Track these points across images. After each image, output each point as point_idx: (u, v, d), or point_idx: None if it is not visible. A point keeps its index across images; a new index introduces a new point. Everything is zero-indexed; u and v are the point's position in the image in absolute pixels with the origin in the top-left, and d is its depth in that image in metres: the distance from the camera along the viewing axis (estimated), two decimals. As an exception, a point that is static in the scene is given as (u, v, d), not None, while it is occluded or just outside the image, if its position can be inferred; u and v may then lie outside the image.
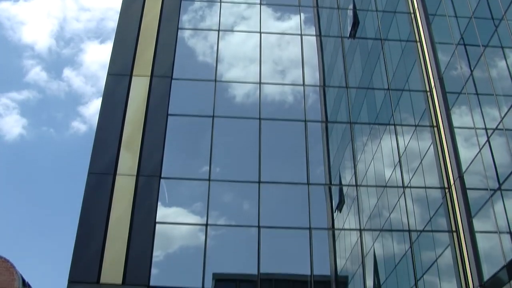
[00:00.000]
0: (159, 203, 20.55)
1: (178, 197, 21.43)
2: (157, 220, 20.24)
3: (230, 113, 22.97)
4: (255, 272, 19.65)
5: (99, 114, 22.03)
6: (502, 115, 18.16)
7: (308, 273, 19.89)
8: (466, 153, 20.61)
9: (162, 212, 20.53)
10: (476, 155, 19.70)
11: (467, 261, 19.53)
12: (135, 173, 20.96)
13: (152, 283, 19.09)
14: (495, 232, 18.43)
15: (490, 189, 18.74)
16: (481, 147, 19.44)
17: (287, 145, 22.74)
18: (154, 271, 19.42)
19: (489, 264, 18.73)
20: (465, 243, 19.74)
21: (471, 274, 19.25)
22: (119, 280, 19.08)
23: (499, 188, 18.20)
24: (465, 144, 20.93)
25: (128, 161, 21.22)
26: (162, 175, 21.09)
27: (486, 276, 18.66)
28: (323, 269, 20.64)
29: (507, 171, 17.79)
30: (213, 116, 22.66)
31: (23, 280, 68.40)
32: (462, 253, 19.82)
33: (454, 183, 20.85)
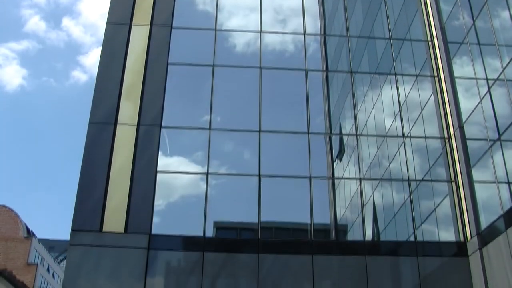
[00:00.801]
0: (160, 153, 20.63)
1: (179, 146, 21.51)
2: (158, 169, 20.35)
3: (230, 62, 22.82)
4: (255, 220, 19.91)
5: (99, 64, 21.86)
6: (504, 66, 18.11)
7: (308, 221, 20.15)
8: (466, 104, 20.64)
9: (163, 162, 20.64)
10: (477, 105, 19.74)
11: (465, 210, 19.82)
12: (136, 123, 20.96)
13: (153, 232, 19.34)
14: (494, 182, 18.65)
15: (490, 140, 18.86)
16: (481, 97, 19.46)
17: (288, 94, 22.70)
18: (155, 219, 19.65)
19: (486, 213, 19.03)
20: (464, 193, 19.99)
21: (468, 223, 19.57)
22: (121, 229, 19.33)
23: (499, 139, 18.32)
24: (466, 95, 20.93)
25: (128, 111, 21.19)
26: (163, 125, 21.10)
27: (484, 225, 18.98)
28: (323, 217, 20.92)
29: (507, 122, 17.87)
30: (213, 65, 22.52)
31: (27, 229, 69.06)
32: (460, 203, 20.09)
33: (454, 133, 20.95)
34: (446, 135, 21.38)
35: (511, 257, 17.12)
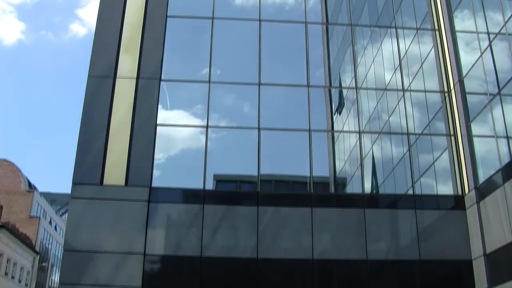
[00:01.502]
0: (159, 106, 20.62)
1: (178, 99, 21.51)
2: (158, 122, 20.37)
3: (230, 15, 22.61)
4: (255, 173, 20.04)
5: (97, 17, 21.65)
6: (505, 19, 17.98)
7: (307, 174, 20.28)
8: (466, 58, 20.55)
9: (163, 115, 20.65)
10: (477, 59, 19.66)
11: (464, 164, 19.93)
12: (135, 76, 20.89)
13: (154, 185, 19.48)
14: (492, 137, 18.71)
15: (490, 94, 18.85)
16: (482, 51, 19.37)
17: (287, 47, 22.58)
18: (156, 172, 19.78)
19: (484, 167, 19.14)
20: (462, 147, 20.07)
21: (467, 177, 19.71)
22: (121, 182, 19.46)
23: (499, 93, 18.31)
24: (466, 49, 20.83)
25: (127, 64, 21.09)
26: (162, 78, 21.03)
27: (482, 179, 19.12)
28: (322, 170, 21.05)
29: (507, 76, 17.84)
30: (212, 18, 22.31)
31: (29, 183, 69.33)
32: (459, 157, 20.19)
33: (453, 87, 20.91)
34: (446, 89, 21.34)
35: (508, 211, 17.29)
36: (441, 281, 18.91)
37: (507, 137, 17.91)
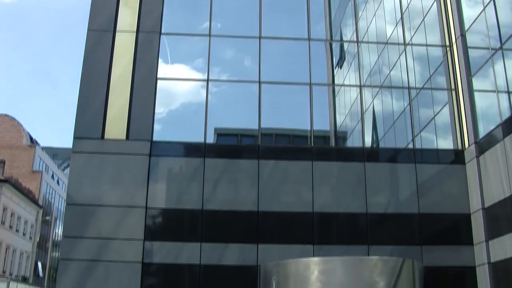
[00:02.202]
0: (160, 60, 20.54)
1: (179, 53, 21.41)
2: (158, 76, 20.33)
3: (230, -33, 22.35)
4: (256, 126, 20.08)
5: (96, -30, 21.43)
6: (509, -28, 17.78)
7: (308, 128, 20.33)
8: (469, 11, 20.36)
9: (164, 69, 20.58)
10: (480, 13, 19.49)
11: (464, 119, 19.96)
12: (135, 29, 20.75)
13: (155, 139, 19.56)
14: (493, 91, 18.69)
15: (492, 49, 18.75)
16: (485, 5, 19.18)
17: (288, 0, 22.35)
18: (156, 127, 19.83)
19: (485, 122, 19.17)
20: (463, 101, 20.06)
21: (467, 131, 19.75)
22: (122, 136, 19.53)
23: (501, 48, 18.21)
24: (469, 2, 20.62)
25: (127, 17, 20.92)
26: (162, 31, 20.88)
27: (482, 133, 19.17)
28: (322, 124, 21.10)
29: (510, 31, 17.72)
30: (213, -30, 22.04)
31: (30, 137, 69.43)
32: (459, 111, 20.20)
33: (455, 41, 20.77)
34: (447, 43, 21.21)
35: (507, 165, 17.38)
36: (440, 234, 19.12)
37: (508, 92, 17.89)
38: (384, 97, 21.42)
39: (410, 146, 20.23)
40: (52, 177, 78.06)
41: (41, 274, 67.59)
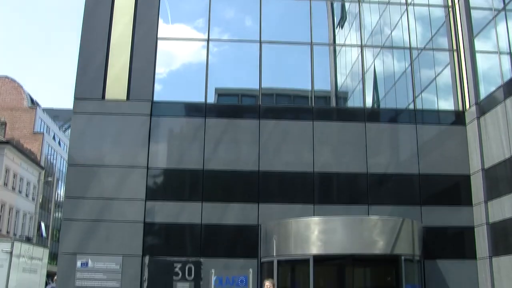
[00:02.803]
0: (160, 20, 20.39)
1: (179, 13, 21.22)
2: (158, 36, 20.21)
3: None
4: (256, 86, 20.04)
5: None
6: None
7: (309, 88, 20.28)
8: (472, -30, 20.14)
9: (164, 29, 20.43)
10: (483, -28, 19.29)
11: (465, 80, 19.90)
12: (135, -12, 20.56)
13: (155, 99, 19.53)
14: (495, 53, 18.59)
15: (494, 9, 18.59)
16: (489, -36, 18.97)
17: (290, -41, 22.09)
18: (157, 87, 19.79)
19: (486, 83, 19.13)
20: (465, 62, 19.97)
21: (468, 92, 19.72)
22: (123, 96, 19.50)
23: (504, 9, 18.08)
24: (472, -39, 20.38)
25: (127, -24, 20.70)
26: (162, -10, 20.69)
27: (483, 95, 19.14)
28: (323, 84, 21.06)
29: (513, -9, 17.56)
30: None
31: (31, 99, 69.22)
32: (461, 72, 20.13)
33: (458, 1, 20.60)
34: (449, 4, 21.03)
35: (508, 127, 17.40)
36: (439, 194, 19.23)
37: (510, 53, 17.79)
38: (385, 57, 21.30)
39: (411, 107, 20.20)
40: (54, 138, 78.16)
41: (44, 234, 68.23)
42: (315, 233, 16.94)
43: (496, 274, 17.73)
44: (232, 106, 20.34)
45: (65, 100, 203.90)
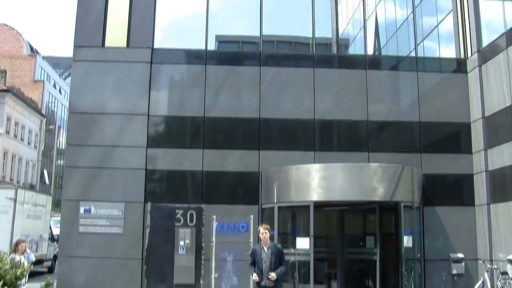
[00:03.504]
0: (160, -34, 20.10)
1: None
2: (158, -18, 19.98)
3: None
4: (257, 33, 19.90)
5: None
6: None
7: (310, 35, 20.14)
8: None
9: (164, -25, 20.19)
10: None
11: (468, 27, 19.72)
12: None
13: (156, 46, 19.43)
14: (499, 0, 18.39)
15: (499, -46, 18.32)
16: None
17: None
18: (157, 34, 19.66)
19: (488, 31, 18.99)
20: (467, 10, 19.75)
21: (470, 40, 19.57)
22: (123, 44, 19.40)
23: (508, -47, 17.80)
24: None
25: None
26: None
27: (485, 42, 19.01)
28: (324, 31, 20.92)
29: None
30: None
31: (31, 47, 68.57)
32: (463, 20, 19.91)
33: (463, -50, 20.27)
34: (453, -51, 20.70)
35: (509, 75, 17.36)
36: (439, 142, 19.31)
37: (514, 0, 17.62)
38: (387, 4, 21.11)
39: (413, 54, 20.10)
40: (54, 86, 77.98)
41: (47, 181, 68.78)
42: (315, 179, 17.08)
43: (493, 221, 17.97)
44: (233, 53, 20.25)
45: (65, 48, 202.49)
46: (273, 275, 11.64)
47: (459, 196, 19.07)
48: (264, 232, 12.04)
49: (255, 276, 11.79)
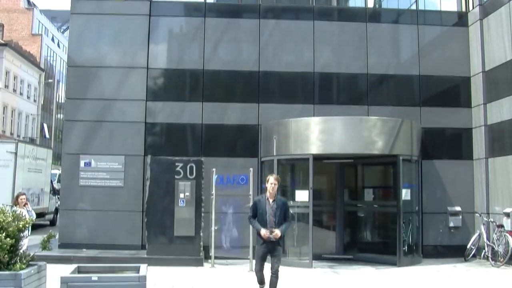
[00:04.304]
0: None
1: None
2: None
3: None
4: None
5: None
6: None
7: (310, -13, 19.97)
8: None
9: None
10: None
11: (470, -21, 19.52)
12: None
13: (156, -5, 19.27)
14: (503, -50, 18.14)
15: None
16: None
17: None
18: (156, -14, 19.44)
19: (491, -18, 18.77)
20: (471, -40, 19.53)
21: (472, -8, 19.40)
22: (122, -5, 19.23)
23: None
24: None
25: None
26: None
27: (488, -5, 18.84)
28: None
29: None
30: None
31: (28, 0, 67.51)
32: (465, -29, 19.72)
33: None
34: None
35: (511, 28, 17.24)
36: (439, 96, 19.31)
37: (518, -48, 17.36)
38: (389, -46, 20.83)
39: (413, 7, 19.93)
40: (52, 40, 77.40)
41: (47, 135, 68.82)
42: (314, 132, 17.12)
43: (491, 175, 18.10)
44: (232, 6, 20.06)
45: (62, 1, 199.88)
46: (277, 232, 10.52)
47: (458, 150, 19.17)
48: (274, 182, 10.74)
49: (264, 232, 10.49)
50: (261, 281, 10.94)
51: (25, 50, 63.29)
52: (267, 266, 10.75)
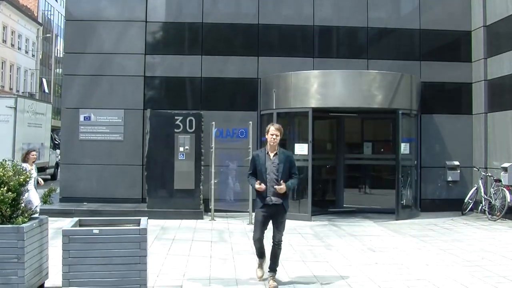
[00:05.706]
0: None
1: None
2: None
3: None
4: None
5: None
6: None
7: None
8: None
9: None
10: None
11: None
12: None
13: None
14: None
15: None
16: None
17: None
18: None
19: None
20: None
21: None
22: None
23: None
24: None
25: None
26: None
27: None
28: None
29: None
30: None
31: None
32: None
33: None
34: None
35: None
36: (439, 50, 19.21)
37: None
38: None
39: (415, -38, 19.64)
40: (50, -6, 76.62)
41: (46, 90, 68.67)
42: (314, 86, 17.09)
43: (489, 129, 18.13)
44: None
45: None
46: (281, 186, 8.63)
47: (457, 105, 19.16)
48: (275, 133, 8.85)
49: (259, 184, 8.67)
50: (260, 254, 9.12)
51: (22, 4, 62.70)
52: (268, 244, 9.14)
